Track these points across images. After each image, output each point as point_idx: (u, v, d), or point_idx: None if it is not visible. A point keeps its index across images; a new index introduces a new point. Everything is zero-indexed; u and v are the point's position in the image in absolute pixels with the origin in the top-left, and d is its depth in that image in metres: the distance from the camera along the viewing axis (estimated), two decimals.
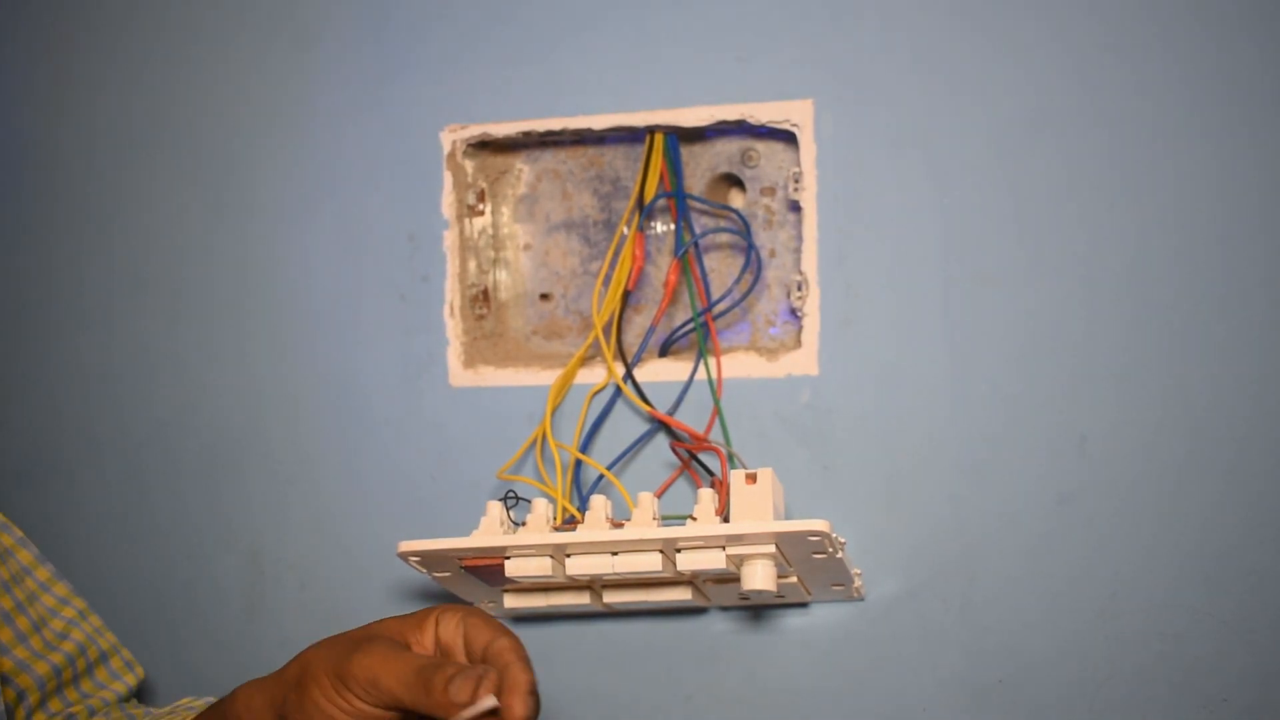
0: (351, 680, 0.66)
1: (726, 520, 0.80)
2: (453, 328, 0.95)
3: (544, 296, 0.98)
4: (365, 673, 0.66)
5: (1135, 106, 0.84)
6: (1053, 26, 0.85)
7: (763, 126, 0.90)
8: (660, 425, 0.91)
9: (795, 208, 0.92)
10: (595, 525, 0.81)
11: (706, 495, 0.80)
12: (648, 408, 0.91)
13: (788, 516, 0.84)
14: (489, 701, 0.64)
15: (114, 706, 0.87)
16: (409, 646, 0.69)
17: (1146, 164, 0.84)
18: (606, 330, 0.92)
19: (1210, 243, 0.83)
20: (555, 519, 0.85)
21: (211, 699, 0.88)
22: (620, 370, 0.91)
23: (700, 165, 0.95)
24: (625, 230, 0.93)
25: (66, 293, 1.04)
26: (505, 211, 0.98)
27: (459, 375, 0.95)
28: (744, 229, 0.93)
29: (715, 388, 0.89)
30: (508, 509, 0.84)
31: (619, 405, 0.92)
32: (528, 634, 0.93)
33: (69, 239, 1.04)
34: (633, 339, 0.95)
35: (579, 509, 0.87)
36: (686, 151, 0.94)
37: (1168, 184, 0.84)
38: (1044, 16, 0.85)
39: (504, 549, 0.80)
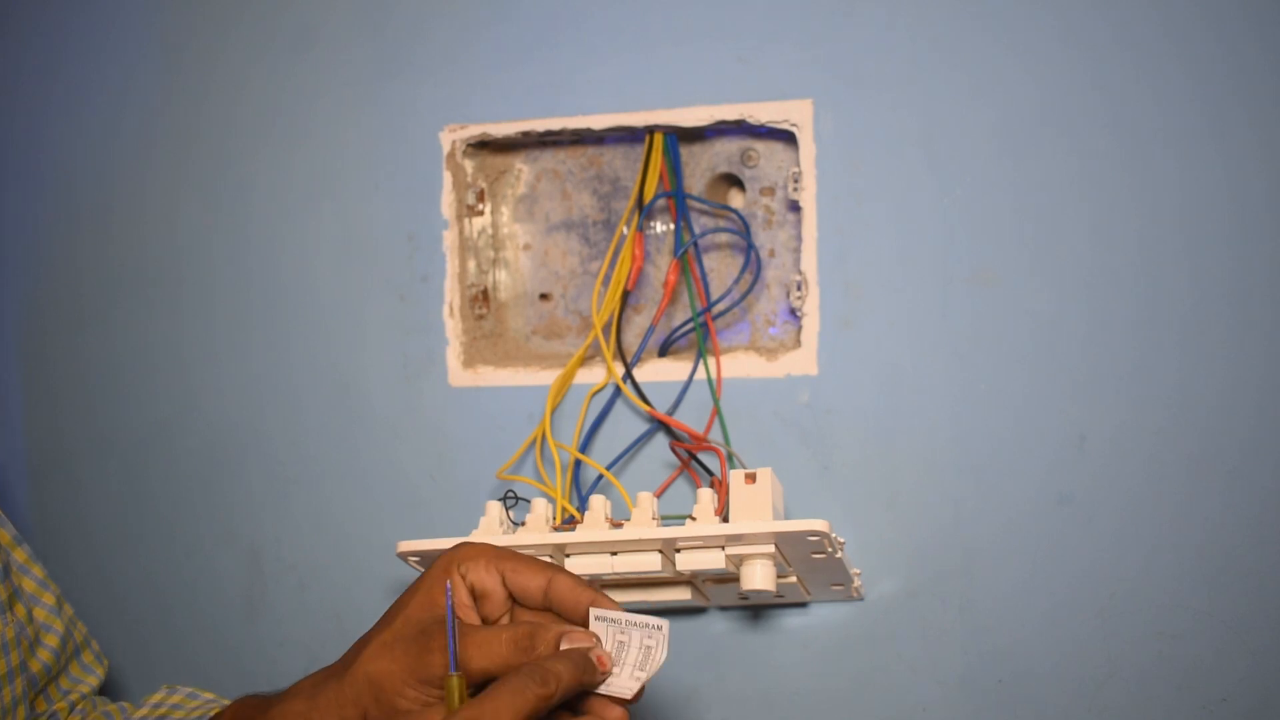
0: (441, 679, 0.66)
1: (726, 520, 0.80)
2: (452, 328, 0.95)
3: (543, 296, 0.98)
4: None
5: (1135, 107, 0.84)
6: (1053, 27, 0.85)
7: (762, 126, 0.90)
8: (660, 425, 0.91)
9: (795, 208, 0.92)
10: (594, 525, 0.81)
11: (706, 495, 0.80)
12: (647, 408, 0.91)
13: (787, 516, 0.83)
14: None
15: (88, 702, 0.85)
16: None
17: (1146, 165, 0.84)
18: (606, 330, 0.92)
19: (1211, 243, 0.83)
20: (554, 519, 0.85)
21: (191, 691, 0.86)
22: (620, 370, 0.91)
23: (700, 165, 0.95)
24: (625, 230, 0.93)
25: (67, 292, 1.04)
26: (505, 211, 0.98)
27: (458, 375, 0.95)
28: (743, 229, 0.93)
29: (715, 388, 0.89)
30: (507, 509, 0.84)
31: (618, 405, 0.92)
32: None
33: (69, 239, 1.04)
34: (632, 339, 0.95)
35: (578, 509, 0.87)
36: (686, 151, 0.94)
37: (1167, 184, 0.84)
38: (1044, 17, 0.85)
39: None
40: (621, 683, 0.68)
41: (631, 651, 0.68)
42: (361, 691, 0.67)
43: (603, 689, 0.67)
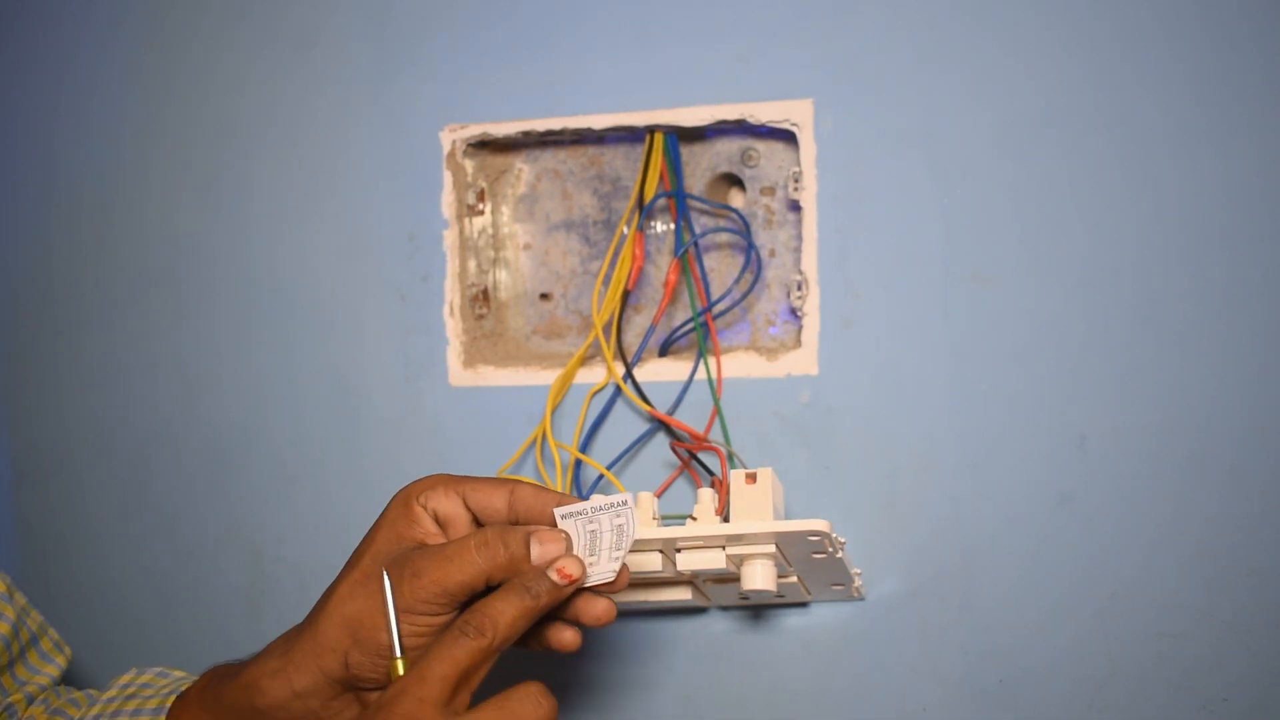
0: (423, 604, 0.65)
1: (726, 520, 0.80)
2: (452, 327, 0.95)
3: (544, 296, 0.98)
4: (432, 588, 0.65)
5: (1135, 107, 0.84)
6: (1053, 26, 0.85)
7: (763, 126, 0.90)
8: (660, 425, 0.91)
9: (795, 207, 0.92)
10: None
11: (706, 495, 0.80)
12: (648, 407, 0.91)
13: (788, 516, 0.84)
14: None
15: (51, 693, 0.82)
16: (422, 542, 0.68)
17: (1146, 164, 0.84)
18: (606, 330, 0.92)
19: (1211, 242, 0.83)
20: None
21: (161, 670, 0.84)
22: (620, 370, 0.91)
23: (700, 165, 0.95)
24: (625, 230, 0.93)
25: (67, 292, 1.04)
26: (505, 211, 0.98)
27: (459, 375, 0.95)
28: (744, 229, 0.93)
29: (715, 387, 0.89)
30: None
31: (619, 405, 0.92)
32: None
33: (69, 239, 1.04)
34: (633, 339, 0.95)
35: None
36: (686, 151, 0.94)
37: (1167, 184, 0.84)
38: (1045, 16, 0.85)
39: None
40: (601, 569, 0.67)
41: (605, 536, 0.67)
42: (339, 636, 0.67)
43: (585, 582, 0.67)
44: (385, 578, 0.66)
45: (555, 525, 0.68)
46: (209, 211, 1.01)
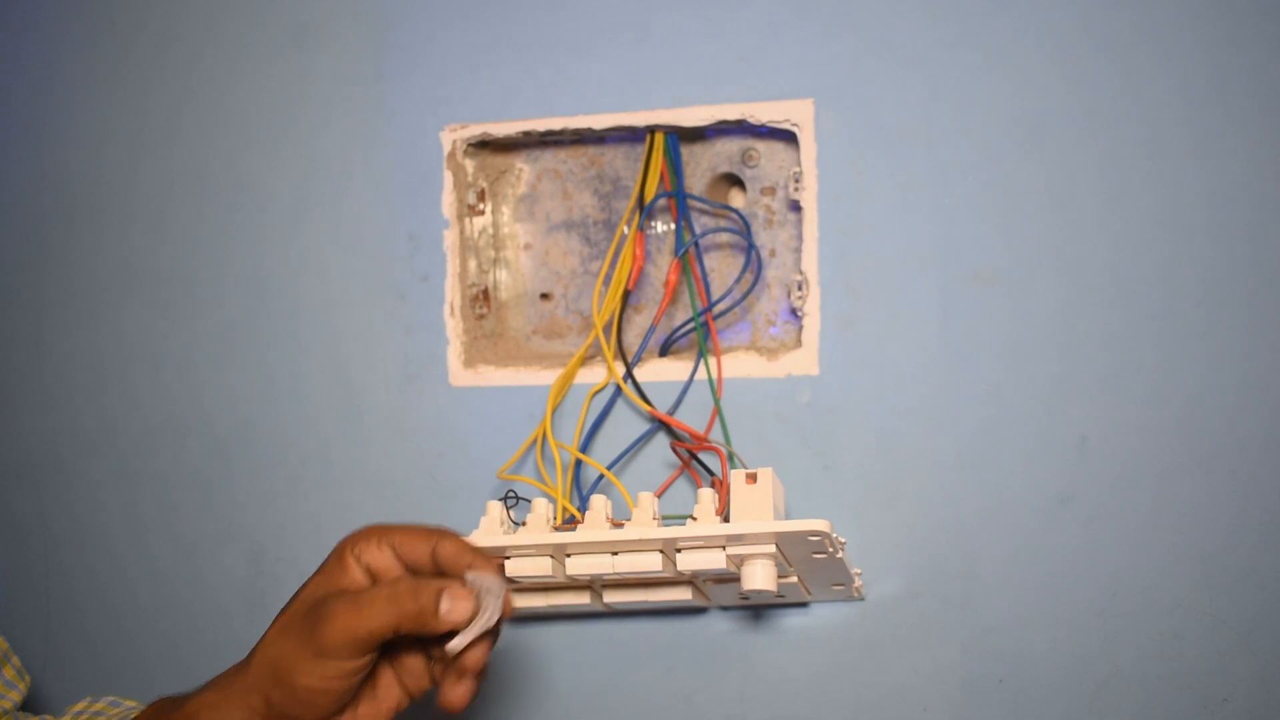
0: (333, 649, 0.67)
1: (727, 520, 0.80)
2: (453, 327, 0.95)
3: (544, 296, 0.98)
4: (342, 634, 0.67)
5: (1135, 108, 0.84)
6: (1053, 28, 0.85)
7: (763, 126, 0.90)
8: (660, 425, 0.91)
9: (795, 207, 0.92)
10: (595, 525, 0.81)
11: (706, 495, 0.80)
12: (648, 407, 0.91)
13: (788, 516, 0.84)
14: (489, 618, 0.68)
15: (11, 718, 0.84)
16: (347, 589, 0.70)
17: (1147, 164, 0.84)
18: (607, 330, 0.92)
19: (1211, 242, 0.83)
20: (555, 519, 0.85)
21: (113, 699, 0.86)
22: (620, 370, 0.91)
23: (700, 165, 0.95)
24: (625, 230, 0.93)
25: (65, 292, 1.04)
26: (505, 211, 0.99)
27: (459, 375, 0.95)
28: (744, 229, 0.93)
29: (715, 387, 0.89)
30: (508, 509, 0.84)
31: (619, 405, 0.92)
32: (528, 634, 0.93)
33: (67, 238, 1.04)
34: (633, 339, 0.95)
35: (579, 509, 0.87)
36: (687, 151, 0.94)
37: (1167, 184, 0.84)
38: (1045, 16, 0.85)
39: (504, 549, 0.80)
40: (462, 637, 0.69)
41: (482, 616, 0.69)
42: (263, 677, 0.69)
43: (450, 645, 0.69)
44: None
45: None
46: (207, 211, 1.01)
